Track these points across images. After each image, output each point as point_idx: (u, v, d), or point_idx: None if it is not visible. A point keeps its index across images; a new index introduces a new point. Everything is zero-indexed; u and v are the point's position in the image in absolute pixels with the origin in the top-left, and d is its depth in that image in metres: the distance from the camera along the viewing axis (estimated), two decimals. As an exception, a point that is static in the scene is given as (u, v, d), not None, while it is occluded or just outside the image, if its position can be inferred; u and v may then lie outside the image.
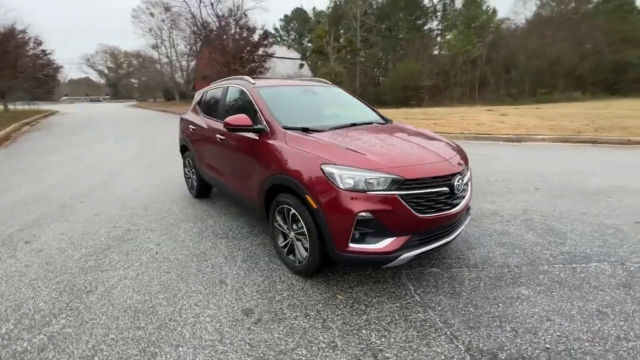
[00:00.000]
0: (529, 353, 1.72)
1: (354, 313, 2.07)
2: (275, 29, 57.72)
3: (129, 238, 3.26)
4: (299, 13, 58.87)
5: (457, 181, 2.22)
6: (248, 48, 22.24)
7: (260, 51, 23.16)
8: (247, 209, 3.18)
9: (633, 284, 2.30)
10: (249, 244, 3.08)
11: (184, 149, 4.58)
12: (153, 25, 41.01)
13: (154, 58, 46.53)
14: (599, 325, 1.91)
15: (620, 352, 1.71)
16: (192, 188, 4.51)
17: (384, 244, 2.04)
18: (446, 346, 1.78)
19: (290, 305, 2.16)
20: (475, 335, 1.85)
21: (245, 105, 3.10)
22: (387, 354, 1.73)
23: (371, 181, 2.00)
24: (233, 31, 22.49)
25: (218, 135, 3.35)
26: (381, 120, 3.26)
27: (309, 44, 58.12)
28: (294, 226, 2.43)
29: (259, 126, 2.72)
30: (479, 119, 12.37)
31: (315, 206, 2.10)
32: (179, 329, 1.96)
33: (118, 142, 9.92)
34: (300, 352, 1.76)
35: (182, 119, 4.60)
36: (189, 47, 36.11)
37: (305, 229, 2.26)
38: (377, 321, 1.99)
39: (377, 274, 2.51)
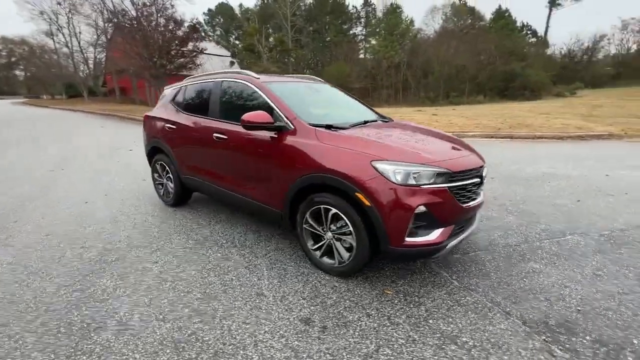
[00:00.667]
0: (569, 317, 1.99)
1: (411, 306, 2.11)
2: (199, 23, 54.09)
3: (112, 259, 2.73)
4: (224, 8, 56.17)
5: (484, 172, 2.44)
6: (177, 42, 20.29)
7: (190, 46, 21.37)
8: (257, 212, 2.96)
9: (603, 250, 2.83)
10: (264, 250, 2.87)
11: (154, 152, 4.00)
12: (45, 8, 34.35)
13: (49, 47, 39.03)
14: (601, 285, 2.31)
15: (627, 304, 2.11)
16: (166, 195, 3.98)
17: (435, 235, 2.13)
18: (506, 322, 1.94)
19: (346, 307, 2.10)
20: (523, 309, 2.06)
21: (253, 101, 2.87)
22: (464, 339, 1.82)
23: (424, 175, 2.07)
24: (155, 22, 20.26)
25: (217, 135, 3.02)
26: (383, 118, 3.36)
27: (237, 42, 56.12)
28: (332, 226, 2.36)
29: (280, 123, 2.55)
30: (416, 119, 13.57)
31: (368, 204, 2.08)
32: (242, 352, 1.74)
33: (33, 147, 8.13)
34: (385, 352, 1.73)
35: (149, 118, 4.01)
36: (96, 36, 31.40)
37: (351, 228, 2.21)
38: (436, 310, 2.07)
39: (410, 266, 2.60)
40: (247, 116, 2.51)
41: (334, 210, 2.28)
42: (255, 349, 1.76)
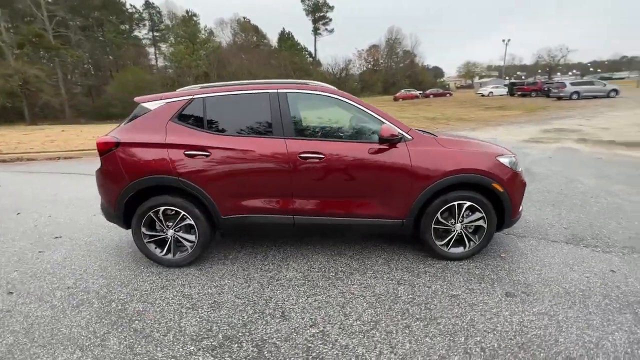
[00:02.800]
0: (627, 240, 3.26)
1: (531, 261, 2.82)
2: None
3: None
4: None
5: None
6: None
7: None
8: (367, 230, 2.84)
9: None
10: (384, 267, 2.79)
11: (144, 196, 2.65)
12: None
13: None
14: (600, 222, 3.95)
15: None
16: (174, 252, 2.77)
17: (521, 206, 3.01)
18: (584, 250, 2.99)
19: (508, 274, 2.59)
20: (602, 240, 3.20)
21: (347, 115, 2.73)
22: (621, 268, 2.70)
23: (519, 163, 2.88)
24: None
25: (304, 155, 2.57)
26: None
27: None
28: (460, 218, 2.75)
29: (399, 136, 2.62)
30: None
31: (502, 190, 2.66)
32: (538, 332, 1.94)
33: None
34: (580, 285, 2.43)
35: (130, 146, 2.62)
36: None
37: (484, 214, 2.71)
38: (555, 257, 2.92)
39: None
40: (385, 131, 2.44)
41: (468, 203, 2.69)
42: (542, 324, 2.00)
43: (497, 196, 2.70)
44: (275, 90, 2.71)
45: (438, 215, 2.72)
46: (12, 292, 2.51)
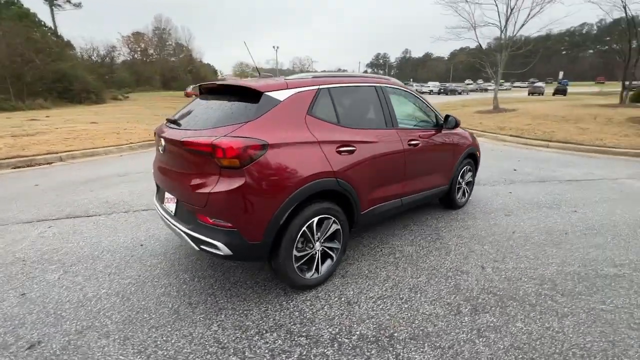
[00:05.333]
0: (501, 180, 5.49)
1: (493, 196, 4.57)
2: None
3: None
4: None
5: None
6: None
7: None
8: (428, 200, 3.49)
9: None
10: (458, 226, 3.61)
11: (299, 207, 2.05)
12: None
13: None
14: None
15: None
16: (316, 269, 2.34)
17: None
18: (498, 184, 5.08)
19: (492, 205, 4.15)
20: (493, 180, 5.27)
21: (416, 107, 3.28)
22: (517, 191, 4.74)
23: (471, 137, 4.48)
24: None
25: (411, 142, 2.94)
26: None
27: None
28: (464, 177, 4.03)
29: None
30: (83, 131, 10.19)
31: (478, 155, 4.15)
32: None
33: None
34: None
35: (279, 147, 1.92)
36: None
37: (472, 172, 4.12)
38: (497, 191, 4.73)
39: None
40: (457, 118, 3.25)
41: (468, 167, 3.99)
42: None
43: (476, 159, 4.18)
44: (379, 84, 2.85)
45: (459, 177, 3.87)
46: None
